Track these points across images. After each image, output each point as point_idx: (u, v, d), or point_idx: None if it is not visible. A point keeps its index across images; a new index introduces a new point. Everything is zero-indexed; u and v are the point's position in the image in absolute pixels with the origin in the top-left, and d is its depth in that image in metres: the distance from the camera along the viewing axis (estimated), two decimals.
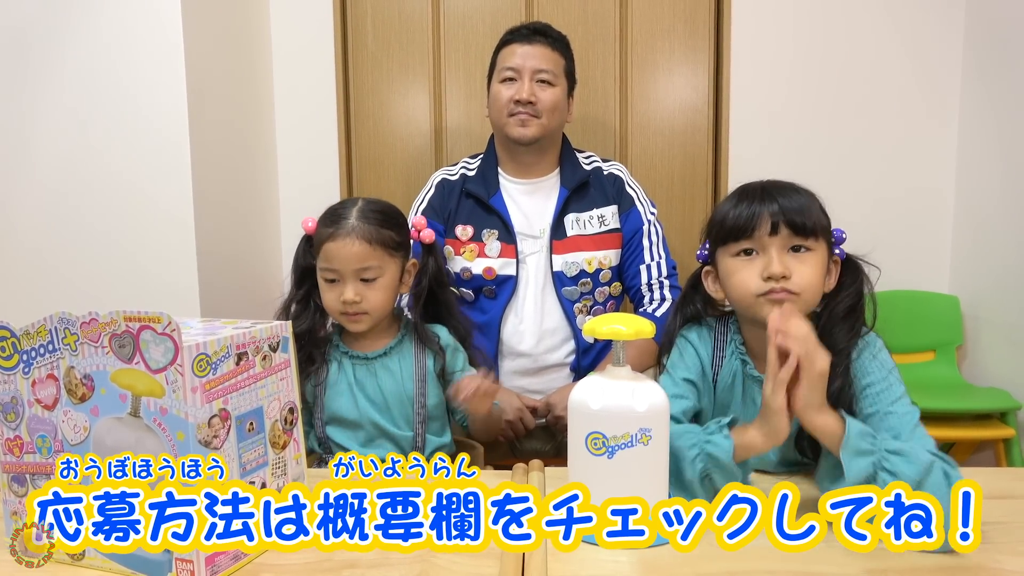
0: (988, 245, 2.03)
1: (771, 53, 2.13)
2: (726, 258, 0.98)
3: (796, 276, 0.93)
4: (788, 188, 0.96)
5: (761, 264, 0.94)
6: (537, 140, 1.56)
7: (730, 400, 1.03)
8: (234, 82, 1.91)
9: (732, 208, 0.97)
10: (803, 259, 0.94)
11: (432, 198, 1.63)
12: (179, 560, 0.73)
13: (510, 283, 1.56)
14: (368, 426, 1.17)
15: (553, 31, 1.61)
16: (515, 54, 1.56)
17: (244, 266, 1.96)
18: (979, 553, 0.77)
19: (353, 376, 1.17)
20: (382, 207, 1.17)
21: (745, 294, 0.96)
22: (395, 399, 1.17)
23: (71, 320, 0.75)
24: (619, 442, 0.79)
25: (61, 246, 1.65)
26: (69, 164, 1.63)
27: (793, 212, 0.93)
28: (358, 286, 1.12)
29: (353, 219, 1.12)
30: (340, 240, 1.11)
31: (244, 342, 0.78)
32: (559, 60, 1.59)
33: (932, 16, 2.11)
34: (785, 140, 2.14)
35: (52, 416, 0.77)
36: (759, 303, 0.95)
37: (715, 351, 1.05)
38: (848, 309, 0.98)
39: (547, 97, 1.55)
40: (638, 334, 0.81)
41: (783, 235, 0.93)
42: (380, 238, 1.12)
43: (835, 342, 0.96)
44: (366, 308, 1.13)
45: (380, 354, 1.18)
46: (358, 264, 1.11)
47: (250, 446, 0.79)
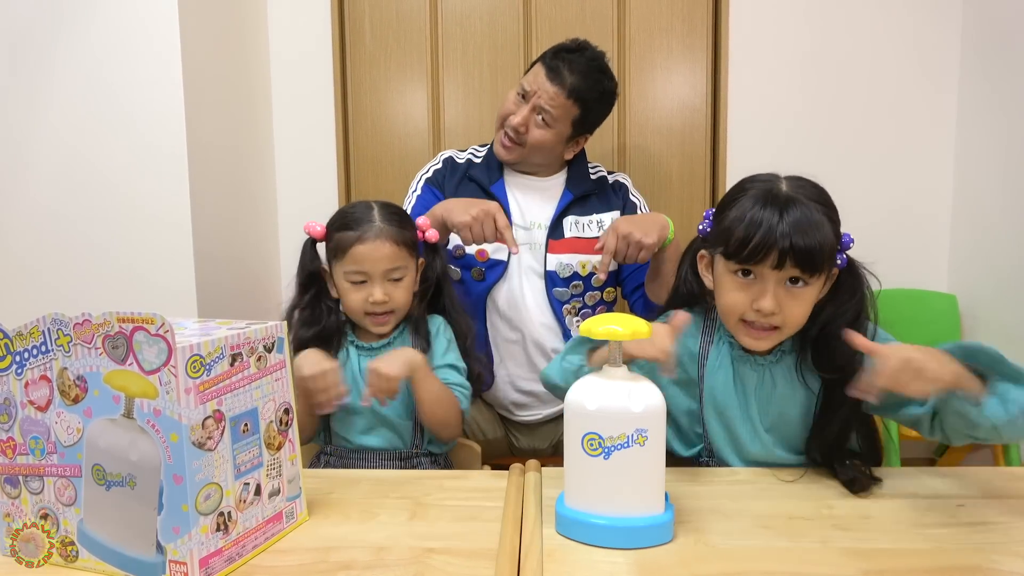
0: (986, 244, 2.03)
1: (769, 52, 2.13)
2: (722, 266, 0.98)
3: (785, 312, 0.94)
4: (806, 203, 0.92)
5: (755, 292, 0.94)
6: (514, 163, 1.58)
7: (719, 382, 1.03)
8: (231, 81, 1.91)
9: (744, 224, 0.92)
10: (797, 294, 0.94)
11: (439, 171, 1.64)
12: (172, 562, 0.72)
13: (500, 268, 1.55)
14: (368, 413, 1.18)
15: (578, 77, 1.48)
16: (534, 80, 1.51)
17: (241, 267, 1.96)
18: (977, 553, 0.77)
19: (358, 366, 1.20)
20: (396, 209, 1.21)
21: (730, 314, 0.97)
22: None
23: (64, 321, 0.74)
24: (615, 443, 0.79)
25: (58, 247, 1.65)
26: (66, 166, 1.63)
27: (804, 252, 0.90)
28: (387, 286, 1.15)
29: (379, 222, 1.15)
30: (370, 243, 1.14)
31: (238, 343, 0.78)
32: (571, 109, 1.50)
33: (930, 16, 2.11)
34: (783, 139, 2.14)
35: (45, 417, 0.77)
36: (740, 328, 0.97)
37: (703, 335, 1.05)
38: (850, 322, 0.97)
39: (535, 134, 1.51)
40: (635, 335, 0.81)
41: (787, 269, 0.92)
42: (404, 239, 1.16)
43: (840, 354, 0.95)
44: (392, 307, 1.16)
45: (384, 344, 1.21)
46: (389, 264, 1.15)
47: (245, 447, 0.79)
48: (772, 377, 1.02)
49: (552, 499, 0.88)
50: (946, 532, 0.82)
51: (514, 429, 1.62)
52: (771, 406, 1.02)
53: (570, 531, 0.82)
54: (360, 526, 0.87)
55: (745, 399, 1.02)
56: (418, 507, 0.93)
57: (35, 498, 0.79)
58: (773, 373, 1.02)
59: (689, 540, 0.81)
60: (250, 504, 0.79)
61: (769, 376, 1.02)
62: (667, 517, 0.81)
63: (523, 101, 1.52)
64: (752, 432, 1.03)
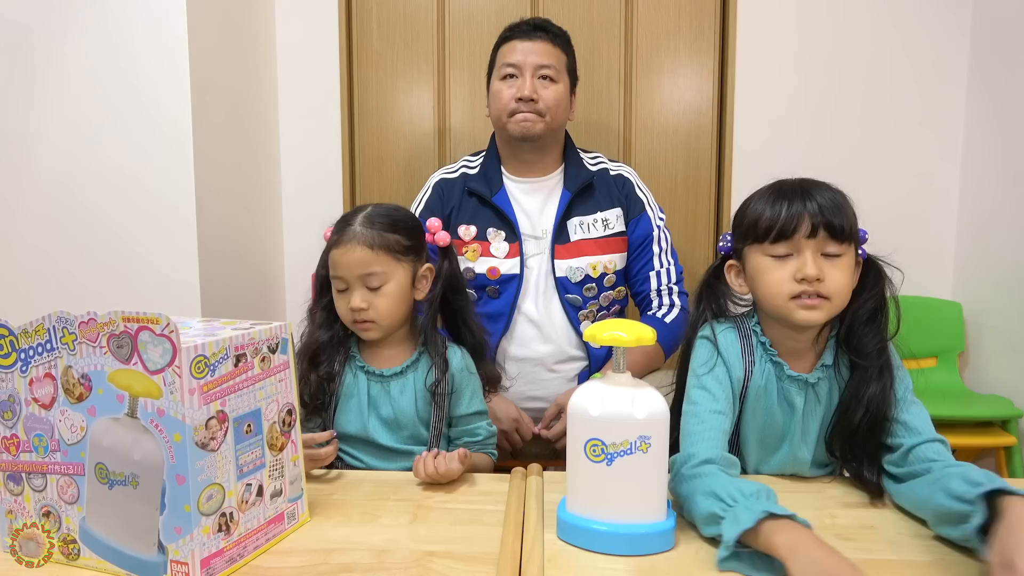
0: (991, 251, 2.02)
1: (776, 56, 2.12)
2: (757, 256, 0.97)
3: (829, 280, 0.92)
4: (824, 186, 0.95)
5: (794, 266, 0.93)
6: (540, 137, 1.54)
7: (763, 404, 1.01)
8: (238, 79, 1.91)
9: (768, 207, 0.95)
10: (835, 263, 0.93)
11: (429, 200, 1.61)
12: (174, 562, 0.72)
13: (514, 282, 1.54)
14: (372, 445, 1.15)
15: (554, 27, 1.59)
16: (516, 50, 1.54)
17: (246, 263, 1.96)
18: (980, 565, 0.77)
19: (367, 393, 1.14)
20: (389, 212, 1.15)
21: (777, 294, 0.95)
22: (408, 419, 1.14)
23: (69, 319, 0.74)
24: (618, 449, 0.79)
25: (63, 241, 1.65)
26: (72, 159, 1.63)
27: (831, 214, 0.92)
28: (365, 293, 1.10)
29: (356, 225, 1.11)
30: (343, 247, 1.10)
31: (243, 343, 0.78)
32: (561, 56, 1.56)
33: (937, 22, 2.10)
34: (788, 143, 2.13)
35: (49, 415, 0.77)
36: (791, 306, 0.94)
37: (744, 354, 1.01)
38: (871, 312, 0.98)
39: (549, 94, 1.52)
40: (639, 341, 0.80)
41: (820, 238, 0.92)
42: (384, 243, 1.10)
43: (863, 346, 0.97)
44: (373, 316, 1.10)
45: (396, 372, 1.14)
46: (361, 270, 1.09)
47: (248, 448, 0.79)
48: (816, 396, 1.00)
49: (554, 504, 0.88)
50: (949, 543, 0.82)
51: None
52: (816, 425, 1.01)
53: (571, 537, 0.82)
54: (361, 528, 0.87)
55: (792, 420, 1.00)
56: (420, 509, 0.93)
57: (38, 496, 0.79)
58: (817, 392, 1.00)
59: (691, 548, 0.81)
60: (252, 505, 0.80)
61: (814, 395, 1.00)
62: (669, 524, 0.81)
63: (516, 78, 1.53)
64: (791, 452, 1.02)
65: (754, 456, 1.04)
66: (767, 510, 0.75)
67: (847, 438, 0.98)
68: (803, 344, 1.00)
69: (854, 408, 0.97)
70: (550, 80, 1.53)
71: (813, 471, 1.04)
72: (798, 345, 1.00)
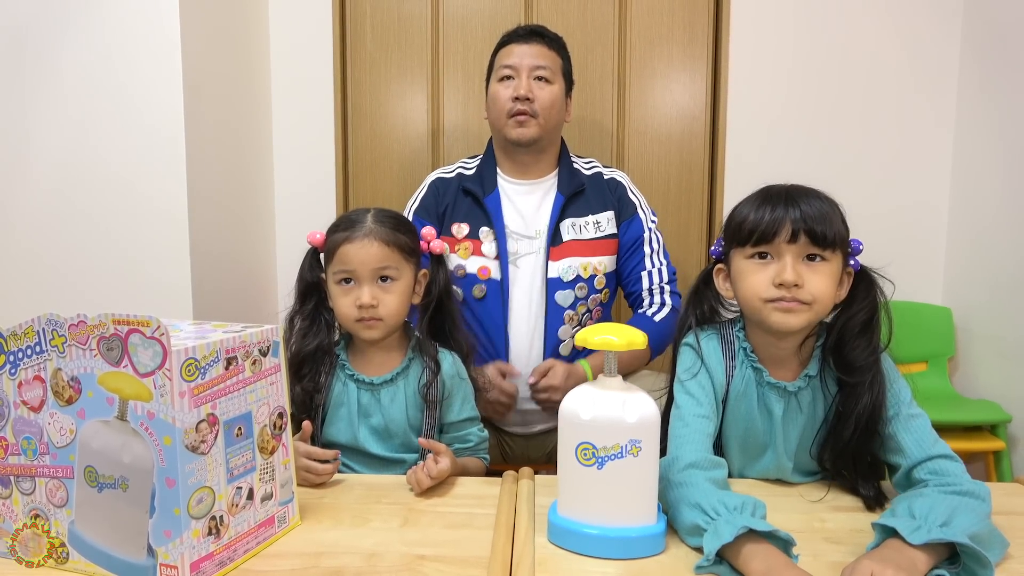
0: (982, 257, 2.03)
1: (769, 61, 2.13)
2: (740, 259, 0.97)
3: (809, 286, 0.92)
4: (812, 194, 0.95)
5: (774, 270, 0.94)
6: (536, 140, 1.56)
7: (743, 409, 1.01)
8: (231, 81, 1.90)
9: (754, 211, 0.95)
10: (817, 268, 0.93)
11: (425, 198, 1.63)
12: (163, 565, 0.72)
13: (500, 285, 1.55)
14: (363, 454, 1.14)
15: (549, 32, 1.62)
16: (512, 53, 1.57)
17: (238, 266, 1.95)
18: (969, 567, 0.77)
19: (357, 402, 1.13)
20: (394, 214, 1.17)
21: (754, 297, 0.95)
22: (399, 427, 1.14)
23: (59, 322, 0.74)
24: (609, 453, 0.79)
25: (55, 243, 1.64)
26: (64, 161, 1.62)
27: (814, 221, 0.92)
28: (375, 289, 1.10)
29: (370, 222, 1.12)
30: (358, 241, 1.10)
31: (234, 346, 0.78)
32: (556, 59, 1.59)
33: (929, 28, 2.11)
34: (781, 149, 2.14)
35: (38, 418, 0.77)
36: (767, 309, 0.94)
37: (726, 359, 1.02)
38: (863, 324, 0.98)
39: (544, 95, 1.55)
40: (630, 345, 0.81)
41: (801, 243, 0.92)
42: (397, 241, 1.11)
43: (855, 358, 0.96)
44: (382, 314, 1.09)
45: (386, 380, 1.13)
46: (377, 264, 1.09)
47: (238, 451, 0.79)
48: (798, 404, 1.01)
49: (545, 507, 0.88)
50: None
51: (507, 438, 1.62)
52: (796, 433, 1.01)
53: (562, 540, 0.82)
54: (352, 531, 0.87)
55: (771, 426, 1.01)
56: (410, 513, 0.93)
57: (26, 499, 0.79)
58: (799, 401, 1.00)
59: (681, 551, 0.81)
60: (242, 508, 0.79)
61: (795, 403, 1.00)
62: (660, 528, 0.81)
63: (513, 80, 1.56)
64: (774, 459, 1.02)
65: (737, 460, 1.04)
66: (747, 525, 0.76)
67: (838, 454, 0.98)
68: (785, 352, 1.00)
69: (844, 423, 0.96)
70: (545, 81, 1.56)
71: (798, 478, 1.04)
72: (780, 352, 1.00)
